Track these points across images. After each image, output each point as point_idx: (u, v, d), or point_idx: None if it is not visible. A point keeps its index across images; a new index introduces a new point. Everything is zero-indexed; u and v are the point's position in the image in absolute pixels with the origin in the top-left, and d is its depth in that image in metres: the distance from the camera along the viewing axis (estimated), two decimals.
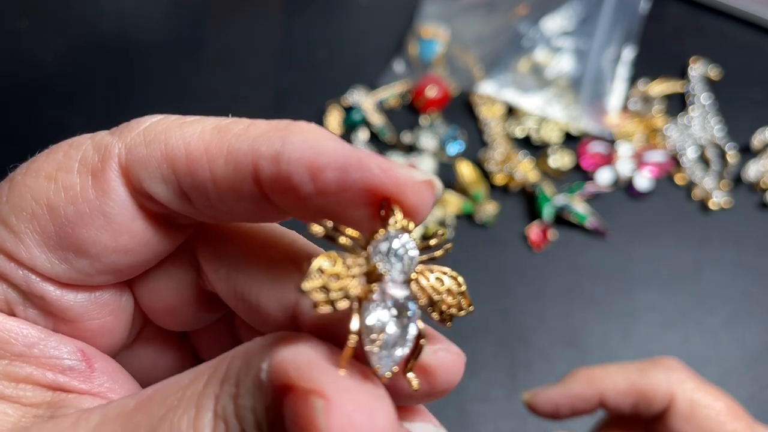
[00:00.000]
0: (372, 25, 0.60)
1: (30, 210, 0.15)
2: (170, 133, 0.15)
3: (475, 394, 0.41)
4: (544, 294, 0.45)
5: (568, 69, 0.54)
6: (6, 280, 0.16)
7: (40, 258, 0.15)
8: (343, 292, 0.14)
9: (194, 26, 0.61)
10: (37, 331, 0.16)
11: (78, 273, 0.16)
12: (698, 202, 0.49)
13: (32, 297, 0.16)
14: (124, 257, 0.16)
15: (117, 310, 0.17)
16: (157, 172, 0.15)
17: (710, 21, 0.60)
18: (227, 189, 0.15)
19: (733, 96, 0.54)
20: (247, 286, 0.16)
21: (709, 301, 0.45)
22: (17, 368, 0.16)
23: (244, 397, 0.13)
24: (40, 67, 0.57)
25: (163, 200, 0.15)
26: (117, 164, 0.15)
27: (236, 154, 0.14)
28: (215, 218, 0.16)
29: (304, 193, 0.14)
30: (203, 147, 0.15)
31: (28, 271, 0.16)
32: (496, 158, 0.50)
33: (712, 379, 0.41)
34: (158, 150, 0.15)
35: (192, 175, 0.15)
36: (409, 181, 0.14)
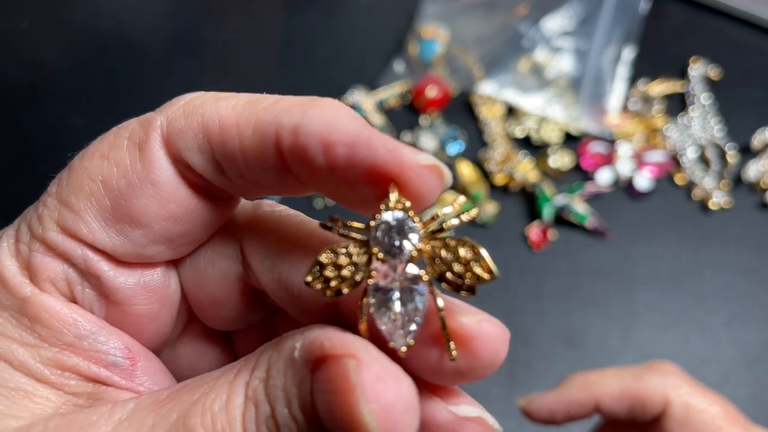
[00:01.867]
0: (372, 25, 0.60)
1: (87, 188, 0.16)
2: (206, 107, 0.17)
3: (475, 394, 0.41)
4: (544, 294, 0.45)
5: (568, 69, 0.54)
6: (67, 259, 0.17)
7: (99, 233, 0.16)
8: (344, 279, 0.15)
9: (194, 26, 0.61)
10: (89, 324, 0.17)
11: (133, 244, 0.17)
12: (698, 202, 0.49)
13: (89, 276, 0.17)
14: (174, 225, 0.17)
15: (163, 298, 0.18)
16: (193, 142, 0.16)
17: (710, 21, 0.60)
18: (254, 158, 0.16)
19: (733, 96, 0.54)
20: (291, 276, 0.17)
21: (709, 300, 0.45)
22: (66, 357, 0.16)
23: (275, 378, 0.14)
24: (40, 67, 0.57)
25: (200, 169, 0.16)
26: (159, 135, 0.16)
27: (262, 125, 0.15)
28: (245, 189, 0.17)
29: (317, 165, 0.15)
30: (234, 119, 0.16)
31: (87, 248, 0.17)
32: (496, 158, 0.50)
33: (712, 379, 0.42)
34: (195, 122, 0.16)
35: (224, 144, 0.16)
36: (414, 163, 0.15)
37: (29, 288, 0.16)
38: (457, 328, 0.15)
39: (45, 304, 0.16)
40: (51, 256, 0.17)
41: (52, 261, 0.17)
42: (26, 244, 0.17)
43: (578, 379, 0.30)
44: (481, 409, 0.17)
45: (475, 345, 0.15)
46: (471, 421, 0.16)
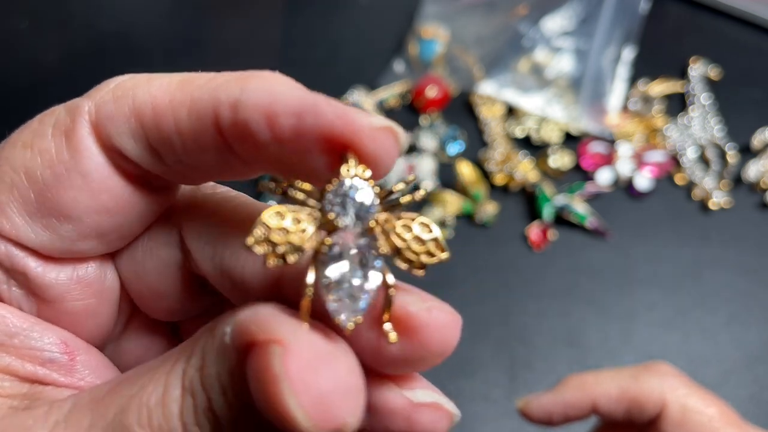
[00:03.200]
0: (372, 25, 0.60)
1: (9, 180, 0.15)
2: (138, 89, 0.15)
3: (475, 394, 0.41)
4: (544, 294, 0.45)
5: (568, 69, 0.54)
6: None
7: (23, 228, 0.15)
8: (291, 245, 0.13)
9: (194, 26, 0.61)
10: (19, 320, 0.16)
11: (62, 240, 0.16)
12: (698, 202, 0.49)
13: (15, 274, 0.16)
14: (107, 218, 0.16)
15: (101, 291, 0.17)
16: (125, 126, 0.15)
17: (710, 21, 0.60)
18: (191, 140, 0.14)
19: (733, 96, 0.54)
20: (231, 262, 0.16)
21: (709, 301, 0.45)
22: None
23: (209, 366, 0.13)
24: (40, 67, 0.57)
25: (133, 156, 0.15)
26: (88, 122, 0.15)
27: (198, 103, 0.14)
28: (185, 176, 0.16)
29: (261, 139, 0.14)
30: (168, 99, 0.15)
31: (10, 244, 0.15)
32: (496, 158, 0.50)
33: (712, 379, 0.41)
34: (126, 105, 0.15)
35: (158, 127, 0.15)
36: (366, 126, 0.14)
37: None
38: (404, 315, 0.14)
39: None
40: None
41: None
42: None
43: (575, 381, 0.30)
44: (438, 394, 0.16)
45: (425, 334, 0.14)
46: (427, 407, 0.15)
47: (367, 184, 0.14)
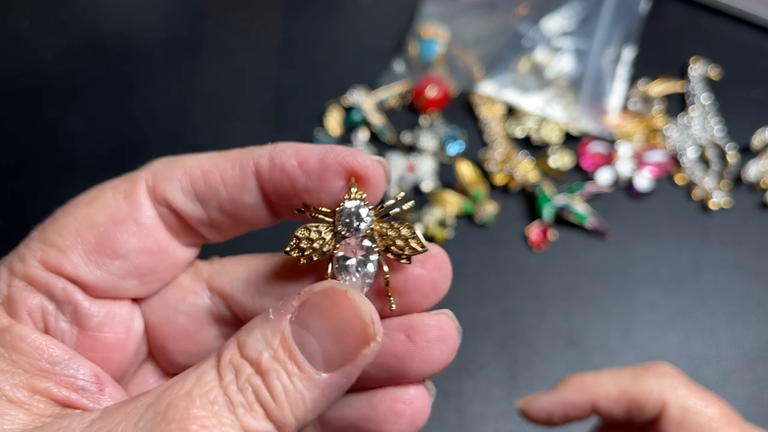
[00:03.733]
0: (372, 25, 0.60)
1: (73, 228, 0.19)
2: (186, 158, 0.20)
3: (475, 395, 0.41)
4: (544, 294, 0.45)
5: (568, 69, 0.54)
6: (46, 292, 0.19)
7: (81, 267, 0.19)
8: (315, 250, 0.19)
9: (194, 26, 0.61)
10: (62, 352, 0.19)
11: (111, 276, 0.20)
12: (698, 202, 0.49)
13: (65, 306, 0.19)
14: (148, 259, 0.20)
15: (129, 329, 0.21)
16: (177, 184, 0.20)
17: (710, 21, 0.60)
18: (234, 187, 0.19)
19: (733, 96, 0.54)
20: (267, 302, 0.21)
21: (709, 301, 0.45)
22: (37, 381, 0.18)
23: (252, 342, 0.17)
24: (40, 67, 0.57)
25: (181, 206, 0.20)
26: (145, 183, 0.20)
27: (241, 159, 0.19)
28: (220, 226, 0.21)
29: (293, 175, 0.19)
30: (213, 161, 0.20)
31: (67, 281, 0.19)
32: (496, 158, 0.50)
33: (712, 379, 0.42)
34: (178, 168, 0.20)
35: (206, 181, 0.20)
36: (366, 159, 0.19)
37: (6, 320, 0.18)
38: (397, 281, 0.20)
39: (21, 333, 0.18)
40: (30, 291, 0.19)
41: (31, 294, 0.19)
42: (6, 282, 0.19)
43: (575, 381, 0.30)
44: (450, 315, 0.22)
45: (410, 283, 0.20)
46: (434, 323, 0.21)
47: (363, 204, 0.19)
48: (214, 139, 0.53)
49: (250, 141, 0.58)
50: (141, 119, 0.54)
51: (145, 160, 0.54)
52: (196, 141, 0.53)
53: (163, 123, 0.54)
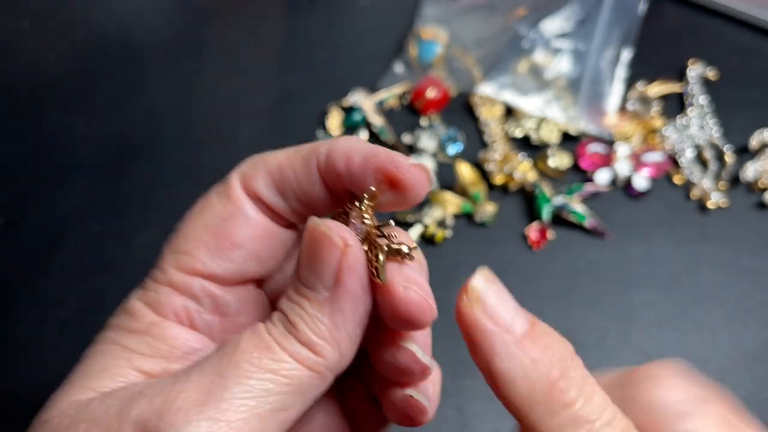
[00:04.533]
0: (372, 27, 0.61)
1: (193, 234, 0.23)
2: (266, 157, 0.23)
3: (474, 394, 0.41)
4: (543, 293, 0.45)
5: (567, 70, 0.54)
6: (187, 292, 0.23)
7: (210, 263, 0.23)
8: None
9: (196, 28, 0.61)
10: (197, 344, 0.23)
11: (235, 264, 0.23)
12: (696, 202, 0.49)
13: (205, 300, 0.23)
14: (261, 243, 0.23)
15: (258, 308, 0.24)
16: (262, 181, 0.23)
17: (708, 22, 0.60)
18: (304, 181, 0.22)
19: (731, 97, 0.55)
20: None
21: (707, 300, 0.45)
22: (172, 365, 0.22)
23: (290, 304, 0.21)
24: (42, 68, 0.58)
25: (269, 200, 0.23)
26: (239, 183, 0.23)
27: (306, 155, 0.22)
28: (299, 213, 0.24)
29: (342, 174, 0.22)
30: (287, 159, 0.23)
31: (203, 279, 0.23)
32: (495, 159, 0.50)
33: (710, 378, 0.42)
34: (261, 168, 0.23)
35: (282, 175, 0.23)
36: (405, 163, 0.21)
37: (153, 317, 0.22)
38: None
39: (164, 326, 0.22)
40: (174, 294, 0.23)
41: (174, 297, 0.23)
42: (152, 289, 0.23)
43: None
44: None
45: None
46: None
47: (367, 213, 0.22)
48: (216, 139, 0.53)
49: (251, 142, 0.58)
50: (143, 120, 0.54)
51: (147, 161, 0.55)
52: (198, 142, 0.53)
53: (165, 124, 0.54)
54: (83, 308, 0.44)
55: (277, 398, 0.19)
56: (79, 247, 0.47)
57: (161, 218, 0.48)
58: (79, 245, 0.47)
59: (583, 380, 0.18)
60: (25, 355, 0.42)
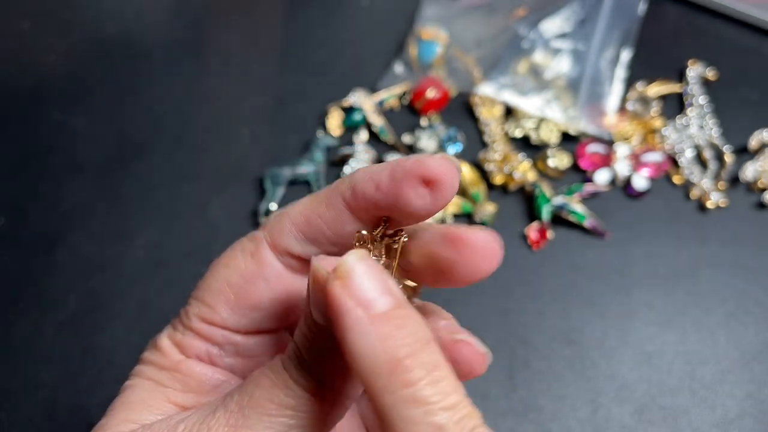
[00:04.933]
0: (373, 27, 0.61)
1: (217, 288, 0.24)
2: (290, 210, 0.24)
3: (474, 393, 0.41)
4: (543, 293, 0.45)
5: (566, 70, 0.54)
6: (209, 340, 0.24)
7: (229, 319, 0.24)
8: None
9: (196, 28, 0.61)
10: (223, 377, 0.24)
11: (253, 322, 0.24)
12: (696, 202, 0.50)
13: (227, 347, 0.24)
14: (280, 304, 0.24)
15: (283, 348, 0.25)
16: (290, 235, 0.23)
17: (708, 23, 0.60)
18: (334, 223, 0.23)
19: (731, 97, 0.55)
20: None
21: (707, 300, 0.45)
22: (202, 398, 0.24)
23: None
24: (43, 68, 0.58)
25: (297, 250, 0.23)
26: (266, 242, 0.24)
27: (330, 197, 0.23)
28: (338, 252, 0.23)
29: (374, 199, 0.22)
30: (310, 207, 0.23)
31: (223, 329, 0.24)
32: (495, 159, 0.50)
33: (709, 378, 0.42)
34: (287, 221, 0.23)
35: (310, 226, 0.23)
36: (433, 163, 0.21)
37: (180, 356, 0.24)
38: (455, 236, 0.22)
39: (190, 365, 0.24)
40: (197, 339, 0.24)
41: (197, 342, 0.24)
42: (180, 331, 0.24)
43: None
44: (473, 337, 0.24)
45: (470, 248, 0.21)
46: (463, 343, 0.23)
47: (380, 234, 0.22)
48: (217, 139, 0.53)
49: (252, 142, 0.58)
50: (143, 120, 0.54)
51: (147, 161, 0.55)
52: (199, 142, 0.53)
53: (166, 124, 0.54)
54: (83, 307, 0.44)
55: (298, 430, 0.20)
56: (80, 246, 0.47)
57: (161, 218, 0.48)
58: (80, 245, 0.47)
59: (434, 365, 0.18)
60: (25, 354, 0.42)
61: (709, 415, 0.40)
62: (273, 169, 0.49)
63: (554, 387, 0.41)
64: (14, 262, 0.46)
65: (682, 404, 0.41)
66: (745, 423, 0.40)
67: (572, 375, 0.42)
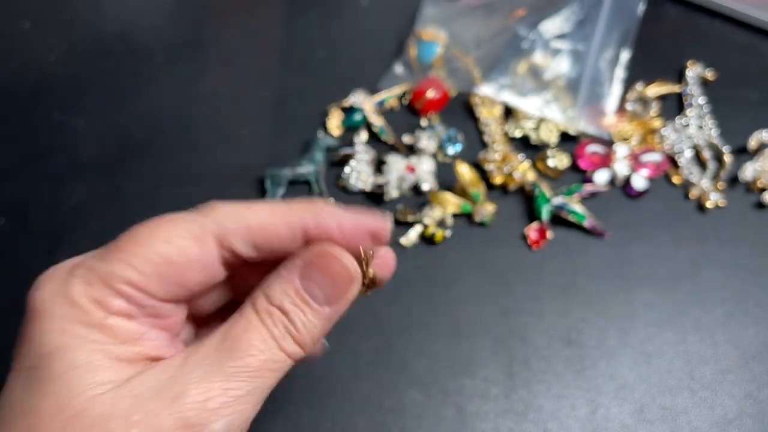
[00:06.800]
0: (373, 27, 0.61)
1: (153, 260, 0.25)
2: (246, 213, 0.26)
3: (474, 393, 0.41)
4: (542, 293, 0.45)
5: (566, 71, 0.55)
6: (132, 301, 0.25)
7: (158, 290, 0.25)
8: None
9: (196, 28, 0.61)
10: (144, 328, 0.26)
11: (174, 295, 0.26)
12: (695, 202, 0.50)
13: (147, 308, 0.26)
14: (204, 285, 0.27)
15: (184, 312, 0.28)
16: (240, 238, 0.26)
17: (707, 23, 0.60)
18: (286, 241, 0.26)
19: (730, 97, 0.55)
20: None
21: (706, 300, 0.45)
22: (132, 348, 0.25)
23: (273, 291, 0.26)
24: (43, 68, 0.58)
25: (243, 252, 0.26)
26: (213, 234, 0.26)
27: (291, 219, 0.26)
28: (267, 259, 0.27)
29: (333, 237, 0.26)
30: (269, 219, 0.26)
31: (149, 296, 0.25)
32: (495, 159, 0.50)
33: (709, 377, 0.42)
34: (243, 223, 0.26)
35: (264, 236, 0.26)
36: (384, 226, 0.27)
37: (102, 313, 0.25)
38: None
39: (114, 322, 0.25)
40: (118, 298, 0.25)
41: (118, 301, 0.25)
42: (98, 289, 0.25)
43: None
44: None
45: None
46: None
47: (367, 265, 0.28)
48: (216, 139, 0.53)
49: (253, 142, 0.58)
50: (143, 120, 0.54)
51: (147, 160, 0.55)
52: (198, 141, 0.53)
53: (166, 124, 0.54)
54: None
55: (270, 386, 0.25)
56: (80, 246, 0.47)
57: None
58: (80, 245, 0.47)
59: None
60: None
61: (709, 414, 0.40)
62: (273, 169, 0.49)
63: (554, 386, 0.41)
64: (15, 262, 0.46)
65: (681, 404, 0.41)
66: (744, 423, 0.40)
67: (572, 374, 0.42)
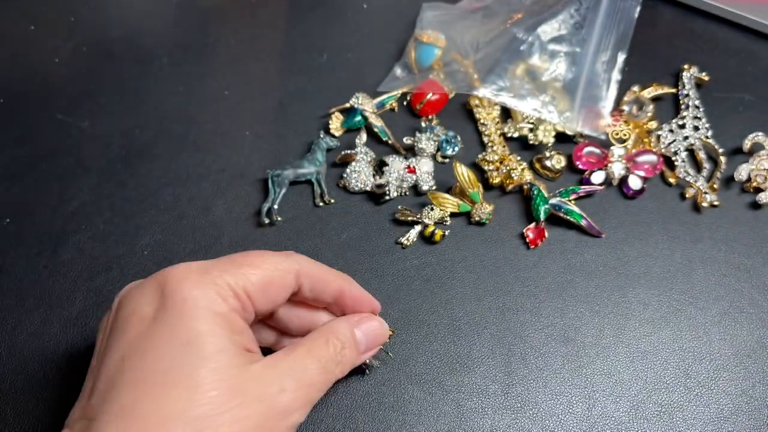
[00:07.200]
0: (374, 30, 0.61)
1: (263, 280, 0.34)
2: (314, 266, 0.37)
3: (472, 390, 0.42)
4: (540, 292, 0.46)
5: (563, 73, 0.55)
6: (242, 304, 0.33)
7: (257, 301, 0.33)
8: None
9: (200, 31, 0.62)
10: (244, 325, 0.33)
11: (264, 308, 0.34)
12: (690, 202, 0.50)
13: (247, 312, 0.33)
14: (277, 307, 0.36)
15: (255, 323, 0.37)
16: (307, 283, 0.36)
17: (702, 26, 0.61)
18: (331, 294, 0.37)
19: (725, 98, 0.56)
20: None
21: (701, 298, 0.46)
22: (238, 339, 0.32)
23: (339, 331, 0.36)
24: (48, 70, 0.59)
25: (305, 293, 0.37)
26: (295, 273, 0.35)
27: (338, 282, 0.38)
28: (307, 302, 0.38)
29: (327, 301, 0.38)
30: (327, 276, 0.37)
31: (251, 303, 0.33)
32: (493, 160, 0.51)
33: (704, 375, 0.42)
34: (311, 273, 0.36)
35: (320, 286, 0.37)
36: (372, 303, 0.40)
37: (226, 308, 0.32)
38: None
39: (233, 316, 0.32)
40: (235, 300, 0.32)
41: (234, 301, 0.32)
42: (224, 289, 0.32)
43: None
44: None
45: None
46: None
47: None
48: (220, 141, 0.54)
49: (255, 143, 0.59)
50: (147, 123, 0.55)
51: (152, 162, 0.55)
52: (202, 143, 0.54)
53: (169, 126, 0.55)
54: (89, 307, 0.45)
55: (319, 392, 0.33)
56: (85, 246, 0.48)
57: (166, 218, 0.49)
58: (85, 244, 0.48)
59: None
60: (31, 354, 0.43)
61: (704, 411, 0.41)
62: (275, 170, 0.50)
63: (551, 384, 0.42)
64: (20, 261, 0.47)
65: (676, 401, 0.41)
66: (739, 419, 0.41)
67: (568, 372, 0.42)
